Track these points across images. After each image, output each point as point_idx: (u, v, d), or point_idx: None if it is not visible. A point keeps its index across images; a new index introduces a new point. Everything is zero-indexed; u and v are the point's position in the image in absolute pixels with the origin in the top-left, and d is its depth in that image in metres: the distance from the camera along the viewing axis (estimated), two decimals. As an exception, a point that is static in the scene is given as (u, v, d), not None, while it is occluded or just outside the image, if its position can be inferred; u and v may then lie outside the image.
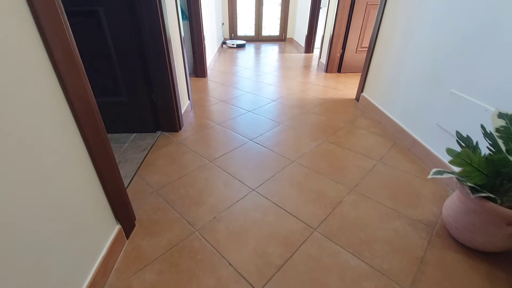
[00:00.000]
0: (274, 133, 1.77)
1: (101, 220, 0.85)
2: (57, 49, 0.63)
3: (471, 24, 1.15)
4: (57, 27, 0.63)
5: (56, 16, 0.62)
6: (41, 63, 0.60)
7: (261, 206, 1.15)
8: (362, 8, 2.77)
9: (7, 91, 0.51)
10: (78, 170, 0.73)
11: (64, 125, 0.68)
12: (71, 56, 0.68)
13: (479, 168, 0.80)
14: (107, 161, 0.85)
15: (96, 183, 0.82)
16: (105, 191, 0.87)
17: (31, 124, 0.57)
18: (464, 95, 1.19)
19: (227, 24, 5.17)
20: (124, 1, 1.36)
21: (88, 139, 0.75)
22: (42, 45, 0.60)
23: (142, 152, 1.56)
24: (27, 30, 0.56)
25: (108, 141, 0.85)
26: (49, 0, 0.60)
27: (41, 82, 0.60)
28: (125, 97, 1.63)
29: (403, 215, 1.11)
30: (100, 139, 0.80)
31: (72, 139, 0.71)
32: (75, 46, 0.69)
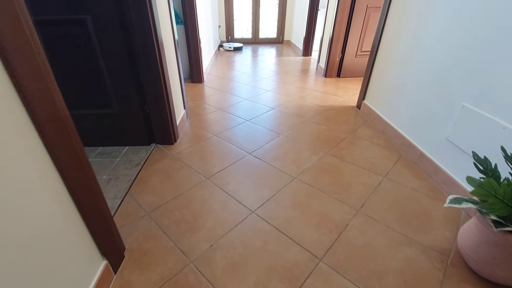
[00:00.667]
0: (273, 145, 1.68)
1: (84, 258, 0.76)
2: (18, 61, 0.54)
3: (488, 29, 1.08)
4: (18, 36, 0.53)
5: (17, 23, 0.53)
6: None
7: (261, 232, 1.06)
8: (362, 10, 2.70)
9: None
10: (50, 203, 0.64)
11: (29, 148, 0.58)
12: (36, 67, 0.58)
13: (504, 199, 0.73)
14: (88, 189, 0.75)
15: (75, 217, 0.73)
16: (88, 225, 0.78)
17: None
18: (478, 109, 1.12)
19: (224, 26, 5.07)
20: (112, 9, 1.27)
21: (61, 163, 0.65)
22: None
23: (135, 167, 1.47)
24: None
25: (88, 164, 0.75)
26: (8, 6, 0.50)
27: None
28: (116, 109, 1.54)
29: (414, 241, 1.03)
30: (77, 162, 0.71)
31: (39, 163, 0.61)
32: (45, 59, 0.60)
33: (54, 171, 0.64)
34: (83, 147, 0.73)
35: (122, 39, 1.35)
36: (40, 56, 0.58)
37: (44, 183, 0.61)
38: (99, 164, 1.50)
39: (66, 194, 0.69)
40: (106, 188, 1.32)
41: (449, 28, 1.27)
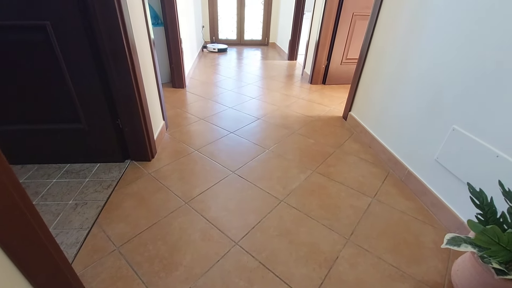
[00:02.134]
0: (258, 161, 1.59)
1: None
2: None
3: (480, 57, 1.04)
4: None
5: None
6: None
7: (245, 269, 0.97)
8: (348, 18, 2.66)
9: None
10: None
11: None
12: None
13: (507, 247, 0.68)
14: (34, 239, 0.62)
15: (14, 274, 0.60)
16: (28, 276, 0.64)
17: None
18: (469, 134, 1.08)
19: (208, 27, 4.90)
20: (75, 13, 1.12)
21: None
22: None
23: (105, 190, 1.32)
24: None
25: (30, 208, 0.61)
26: None
27: None
28: (84, 124, 1.38)
29: (406, 275, 0.98)
30: (12, 205, 0.58)
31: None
32: None
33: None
34: (18, 182, 0.59)
35: (89, 46, 1.20)
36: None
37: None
38: (65, 185, 1.34)
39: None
40: (71, 216, 1.17)
41: (442, 47, 1.23)
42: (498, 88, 0.97)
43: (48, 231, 0.67)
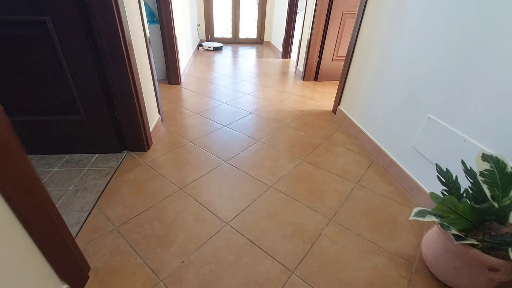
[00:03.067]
0: (250, 152, 1.68)
1: (36, 283, 0.70)
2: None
3: (455, 50, 1.13)
4: None
5: None
6: None
7: (235, 245, 1.05)
8: (338, 16, 2.75)
9: None
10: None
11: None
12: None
13: (464, 215, 0.77)
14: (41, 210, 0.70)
15: (26, 242, 0.67)
16: (43, 250, 0.72)
17: None
18: (441, 121, 1.18)
19: (203, 25, 4.97)
20: (74, 9, 1.19)
21: (7, 190, 0.60)
22: None
23: (104, 177, 1.40)
24: None
25: (39, 183, 0.69)
26: None
27: None
28: (83, 115, 1.45)
29: (382, 249, 1.07)
30: (24, 181, 0.65)
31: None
32: None
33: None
34: (33, 169, 0.67)
35: (87, 40, 1.27)
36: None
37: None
38: (66, 173, 1.41)
39: (12, 218, 0.63)
40: (72, 200, 1.24)
41: (418, 42, 1.32)
42: (465, 81, 1.06)
43: (54, 206, 0.74)
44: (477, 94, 1.01)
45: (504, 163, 0.79)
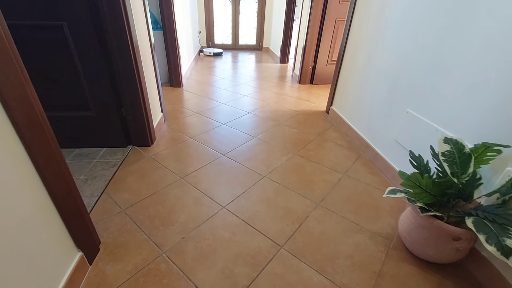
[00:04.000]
0: (247, 147, 1.80)
1: (59, 249, 0.82)
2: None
3: (424, 53, 1.27)
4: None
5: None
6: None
7: (230, 224, 1.17)
8: (331, 23, 2.91)
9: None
10: (27, 198, 0.70)
11: (6, 146, 0.65)
12: (13, 69, 0.65)
13: (427, 189, 0.89)
14: (63, 185, 0.82)
15: (51, 210, 0.79)
16: (63, 218, 0.84)
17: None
18: (418, 114, 1.30)
19: (204, 32, 5.17)
20: (88, 16, 1.33)
21: (39, 161, 0.72)
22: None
23: (111, 168, 1.52)
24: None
25: (63, 162, 0.82)
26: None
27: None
28: (93, 112, 1.58)
29: (364, 229, 1.18)
30: (53, 160, 0.78)
31: (18, 162, 0.68)
32: (23, 67, 0.67)
33: (31, 168, 0.71)
34: (59, 147, 0.80)
35: (98, 43, 1.41)
36: (18, 64, 0.66)
37: (22, 179, 0.68)
38: (76, 165, 1.54)
39: (43, 190, 0.75)
40: (83, 187, 1.36)
41: (396, 47, 1.46)
42: (435, 79, 1.19)
43: (72, 180, 0.87)
44: (445, 89, 1.14)
45: (463, 144, 0.91)
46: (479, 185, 0.95)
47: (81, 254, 0.92)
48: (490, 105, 0.95)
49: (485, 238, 0.75)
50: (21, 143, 0.68)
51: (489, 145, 0.86)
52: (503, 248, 0.72)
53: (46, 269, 0.75)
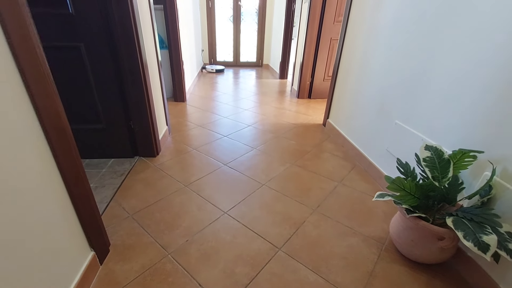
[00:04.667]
0: (247, 157, 1.89)
1: (75, 248, 0.90)
2: (31, 78, 0.72)
3: (408, 70, 1.39)
4: (32, 58, 0.72)
5: (31, 47, 0.70)
6: (17, 94, 0.69)
7: (232, 228, 1.24)
8: (327, 42, 3.09)
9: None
10: (52, 199, 0.79)
11: (38, 153, 0.75)
12: (45, 83, 0.76)
13: (411, 192, 0.97)
14: (82, 189, 0.92)
15: (71, 212, 0.88)
16: (80, 219, 0.92)
17: (4, 151, 0.65)
18: (405, 126, 1.41)
19: (207, 50, 5.40)
20: (103, 38, 1.48)
21: (63, 168, 0.82)
22: (20, 79, 0.69)
23: (119, 177, 1.61)
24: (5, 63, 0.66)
25: (82, 169, 0.92)
26: (25, 35, 0.69)
27: (16, 113, 0.69)
28: (103, 124, 1.70)
29: (358, 233, 1.25)
30: (74, 167, 0.87)
31: (47, 168, 0.78)
32: (51, 77, 0.78)
33: (57, 172, 0.81)
34: (79, 154, 0.90)
35: (111, 62, 1.54)
36: (50, 79, 0.77)
37: (50, 183, 0.78)
38: (87, 174, 1.61)
39: (66, 193, 0.85)
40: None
41: (384, 65, 1.59)
42: (418, 92, 1.30)
43: (89, 187, 0.96)
44: (426, 102, 1.25)
45: (442, 151, 1.00)
46: (461, 189, 1.03)
47: (93, 254, 0.99)
48: (466, 115, 1.05)
49: (463, 235, 0.82)
50: (50, 149, 0.78)
51: (465, 151, 0.96)
52: (480, 243, 0.80)
53: (63, 265, 0.83)
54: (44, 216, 0.74)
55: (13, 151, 0.64)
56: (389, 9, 1.54)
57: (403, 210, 1.02)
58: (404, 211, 1.02)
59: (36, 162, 0.72)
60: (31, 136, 0.70)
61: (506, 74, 0.90)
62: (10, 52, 0.64)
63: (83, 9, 1.40)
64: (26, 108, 0.69)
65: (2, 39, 0.62)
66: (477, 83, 1.01)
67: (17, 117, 0.66)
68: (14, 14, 0.64)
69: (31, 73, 0.70)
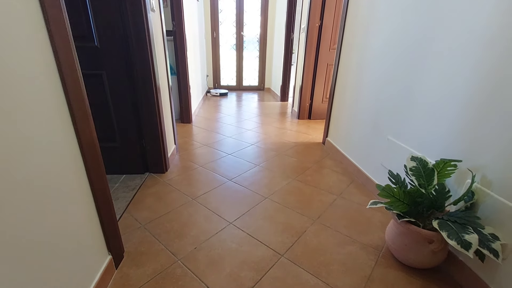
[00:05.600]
0: (251, 173, 2.00)
1: (96, 250, 0.99)
2: (76, 106, 0.87)
3: (396, 91, 1.55)
4: (76, 86, 0.87)
5: (75, 76, 0.86)
6: (62, 116, 0.83)
7: (237, 237, 1.32)
8: (324, 67, 3.32)
9: (41, 139, 0.73)
10: (82, 202, 0.91)
11: (74, 161, 0.88)
12: (84, 109, 0.91)
13: (400, 198, 1.07)
14: (104, 196, 1.03)
15: (95, 216, 0.99)
16: (101, 224, 1.03)
17: (48, 168, 0.77)
18: (396, 141, 1.53)
19: (211, 75, 5.72)
20: (122, 66, 1.66)
21: (92, 179, 0.94)
22: (66, 104, 0.84)
23: (131, 191, 1.72)
24: (56, 90, 0.81)
25: (106, 180, 1.04)
26: (71, 65, 0.85)
27: (59, 129, 0.82)
28: (118, 143, 1.84)
29: (356, 241, 1.32)
30: (101, 179, 1.00)
31: (79, 175, 0.90)
32: (87, 101, 0.93)
33: (87, 182, 0.93)
34: (103, 163, 1.02)
35: (128, 87, 1.72)
36: (85, 101, 0.92)
37: (82, 191, 0.90)
38: (98, 190, 1.74)
39: (92, 201, 0.96)
40: (105, 209, 1.54)
41: (375, 86, 1.75)
42: (406, 110, 1.44)
43: (110, 195, 1.07)
44: (413, 119, 1.38)
45: (426, 161, 1.12)
46: (448, 197, 1.13)
47: (110, 258, 1.08)
48: (447, 130, 1.18)
49: (447, 235, 0.91)
50: (82, 161, 0.91)
51: (446, 160, 1.07)
52: (462, 242, 0.88)
53: (86, 265, 0.92)
54: (75, 216, 0.85)
55: (58, 160, 0.77)
56: (376, 39, 1.73)
57: (395, 215, 1.11)
58: (395, 216, 1.11)
59: (72, 168, 0.84)
60: (72, 150, 0.83)
61: (479, 96, 1.04)
62: (59, 79, 0.79)
63: (106, 43, 1.60)
64: (69, 128, 0.83)
65: (55, 72, 0.77)
66: (455, 102, 1.14)
67: (62, 137, 0.79)
68: (66, 48, 0.80)
69: (74, 96, 0.85)
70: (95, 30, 1.57)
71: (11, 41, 0.62)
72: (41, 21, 0.72)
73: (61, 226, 0.78)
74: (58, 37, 0.77)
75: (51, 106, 0.75)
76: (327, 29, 3.15)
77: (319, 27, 3.14)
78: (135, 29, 1.59)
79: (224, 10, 5.35)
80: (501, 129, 0.94)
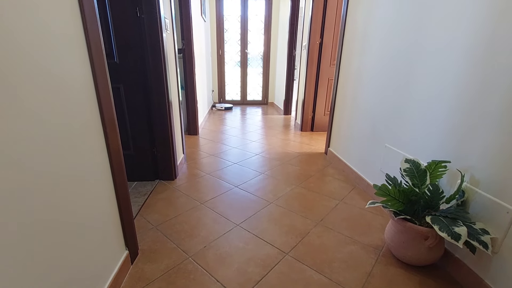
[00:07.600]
0: (256, 181, 2.09)
1: (116, 244, 1.08)
2: (107, 116, 0.99)
3: (390, 101, 1.66)
4: (107, 98, 1.00)
5: (107, 91, 0.99)
6: (96, 125, 0.95)
7: (244, 237, 1.40)
8: (325, 81, 3.47)
9: (78, 144, 0.85)
10: (107, 198, 1.01)
11: (105, 169, 0.99)
12: (112, 119, 1.03)
13: (395, 197, 1.15)
14: (125, 197, 1.13)
15: (117, 215, 1.08)
16: (121, 220, 1.12)
17: (83, 169, 0.89)
18: (393, 147, 1.62)
19: (217, 90, 5.93)
20: (139, 80, 1.82)
21: (116, 181, 1.05)
22: (98, 112, 0.96)
23: (142, 196, 1.81)
24: (93, 102, 0.93)
25: (127, 184, 1.14)
26: (104, 81, 0.98)
27: (94, 139, 0.94)
28: (132, 151, 1.96)
29: (357, 241, 1.39)
30: (123, 181, 1.10)
31: (107, 180, 1.01)
32: (115, 112, 1.05)
33: (111, 182, 1.04)
34: (124, 166, 1.13)
35: (143, 100, 1.87)
36: (114, 112, 1.05)
37: (108, 190, 1.00)
38: (112, 195, 1.84)
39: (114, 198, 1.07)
40: (119, 212, 1.64)
41: (372, 97, 1.87)
42: (399, 120, 1.55)
43: (129, 195, 1.18)
44: (407, 126, 1.49)
45: (419, 163, 1.21)
46: (442, 197, 1.21)
47: (127, 253, 1.16)
48: (437, 134, 1.28)
49: (438, 228, 0.99)
50: (109, 166, 1.02)
51: (437, 161, 1.16)
52: (452, 234, 0.96)
53: (106, 257, 1.01)
54: (103, 213, 0.95)
55: (92, 163, 0.88)
56: (369, 58, 1.87)
57: (391, 213, 1.19)
58: (392, 214, 1.18)
59: (103, 171, 0.95)
60: (103, 155, 0.95)
61: (464, 102, 1.15)
62: (95, 93, 0.92)
63: (125, 59, 1.76)
64: (101, 136, 0.95)
65: (91, 88, 0.91)
66: (443, 108, 1.25)
67: (98, 143, 0.91)
68: (101, 65, 0.94)
69: (106, 107, 0.97)
70: (115, 48, 1.73)
71: (68, 62, 0.75)
72: (83, 45, 0.86)
73: (92, 218, 0.88)
74: (96, 57, 0.91)
75: (89, 116, 0.87)
76: (327, 47, 3.34)
77: (320, 44, 3.33)
78: (151, 47, 1.75)
79: (229, 29, 5.65)
80: (483, 131, 1.04)
